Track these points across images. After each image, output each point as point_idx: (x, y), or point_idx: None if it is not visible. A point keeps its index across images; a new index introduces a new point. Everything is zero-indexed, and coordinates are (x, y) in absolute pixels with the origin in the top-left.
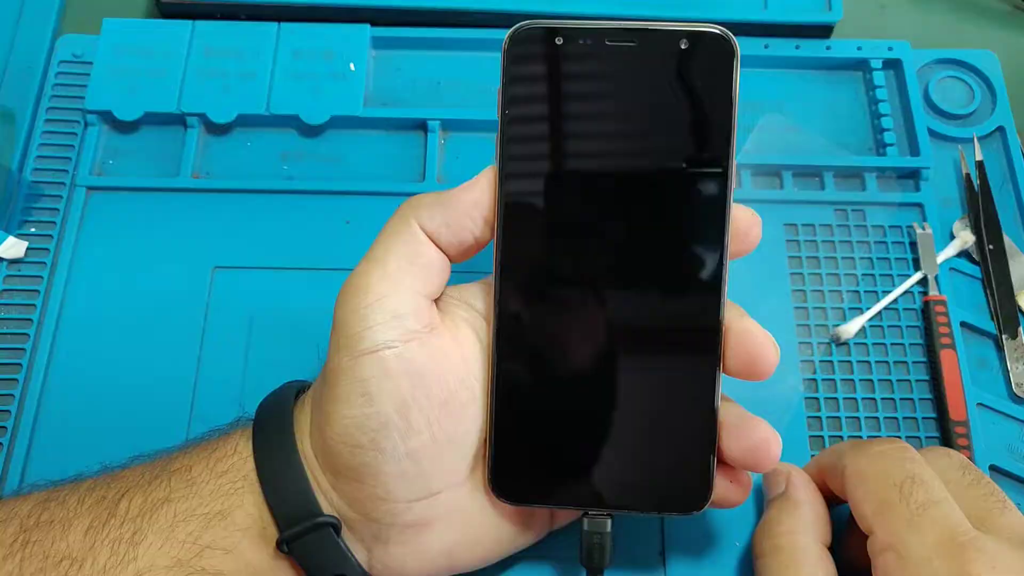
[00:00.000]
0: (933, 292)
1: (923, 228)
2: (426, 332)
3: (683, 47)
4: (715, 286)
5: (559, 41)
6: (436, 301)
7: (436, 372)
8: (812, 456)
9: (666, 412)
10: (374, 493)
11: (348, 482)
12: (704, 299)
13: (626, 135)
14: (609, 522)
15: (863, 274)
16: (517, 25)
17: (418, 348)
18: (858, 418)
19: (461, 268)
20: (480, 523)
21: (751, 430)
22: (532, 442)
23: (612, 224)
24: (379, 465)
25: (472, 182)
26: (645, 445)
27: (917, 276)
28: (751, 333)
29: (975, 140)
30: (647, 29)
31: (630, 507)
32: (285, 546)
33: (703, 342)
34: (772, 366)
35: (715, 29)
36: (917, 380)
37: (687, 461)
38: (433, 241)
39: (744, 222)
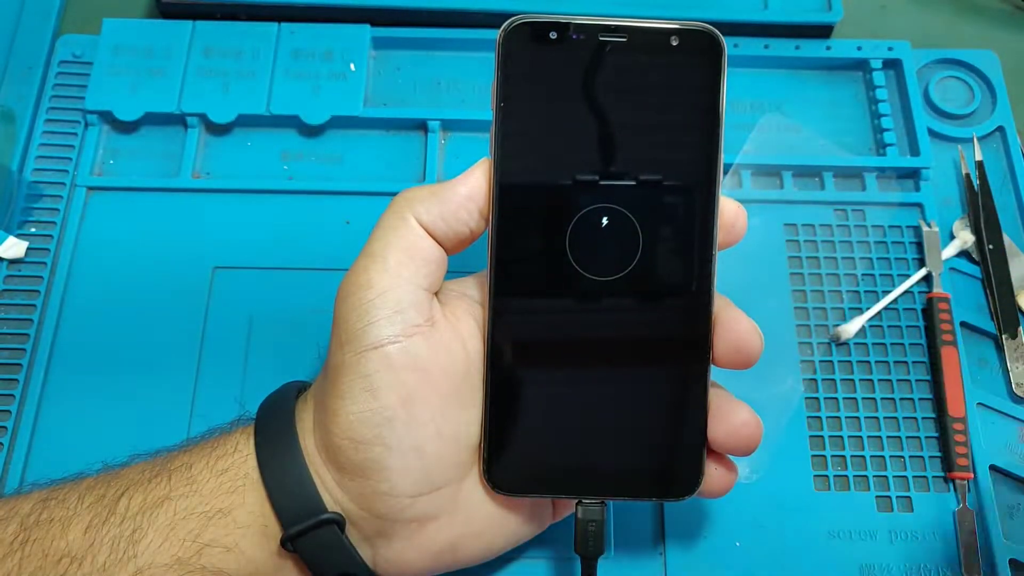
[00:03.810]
0: (937, 289)
1: (929, 226)
2: (428, 326)
3: (673, 43)
4: (705, 277)
5: (553, 35)
6: (436, 295)
7: (439, 365)
8: (812, 457)
9: (658, 399)
10: (379, 488)
11: (352, 478)
12: (694, 290)
13: (617, 128)
14: (603, 509)
15: (863, 274)
16: (512, 19)
17: (421, 342)
18: (858, 418)
19: (456, 267)
20: (483, 516)
21: (733, 414)
22: (525, 432)
23: (604, 215)
24: (384, 460)
25: (466, 174)
26: (637, 432)
27: (921, 273)
28: (737, 321)
29: (975, 140)
30: (638, 25)
31: (623, 494)
32: (290, 544)
33: (694, 331)
34: (757, 354)
35: (704, 27)
36: (917, 380)
37: (679, 447)
38: (429, 234)
39: (731, 214)
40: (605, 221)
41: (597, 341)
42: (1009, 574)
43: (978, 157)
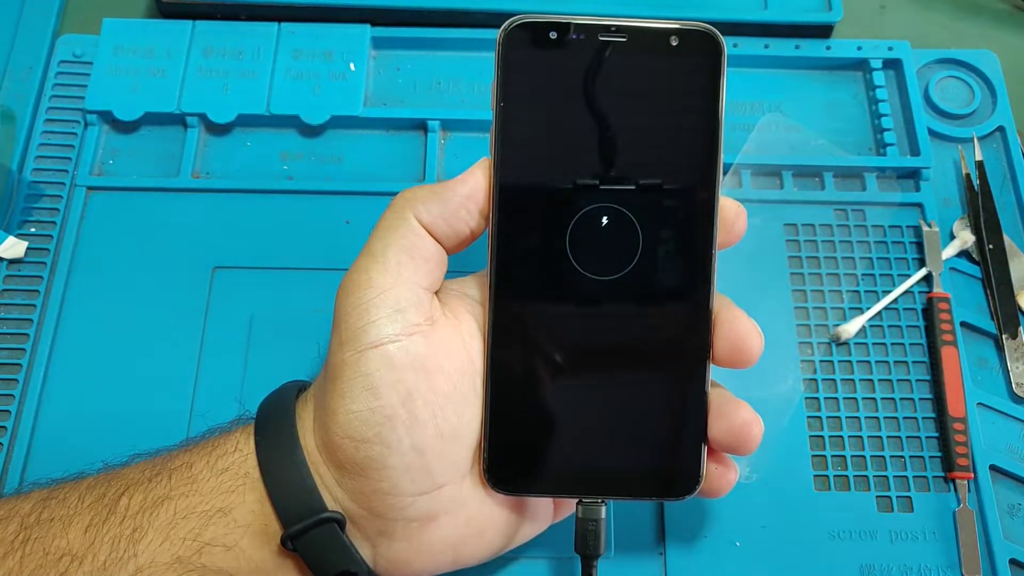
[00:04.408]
0: (937, 289)
1: (929, 226)
2: (428, 325)
3: (673, 44)
4: (705, 276)
5: (553, 35)
6: (437, 294)
7: (439, 364)
8: (812, 457)
9: (658, 399)
10: (379, 487)
11: (353, 477)
12: (694, 289)
13: (617, 128)
14: (603, 509)
15: (863, 274)
16: (512, 19)
17: (421, 341)
18: (858, 418)
19: (456, 267)
20: (483, 516)
21: (733, 413)
22: (525, 431)
23: (604, 214)
24: (384, 459)
25: (467, 174)
26: (638, 432)
27: (921, 273)
28: (737, 321)
29: (975, 140)
30: (638, 26)
31: (623, 494)
32: (290, 542)
33: (694, 330)
34: (757, 353)
35: (704, 27)
36: (917, 380)
37: (679, 447)
38: (430, 233)
39: (731, 213)
40: (605, 221)
41: (597, 340)
42: (1009, 574)
43: (978, 157)
